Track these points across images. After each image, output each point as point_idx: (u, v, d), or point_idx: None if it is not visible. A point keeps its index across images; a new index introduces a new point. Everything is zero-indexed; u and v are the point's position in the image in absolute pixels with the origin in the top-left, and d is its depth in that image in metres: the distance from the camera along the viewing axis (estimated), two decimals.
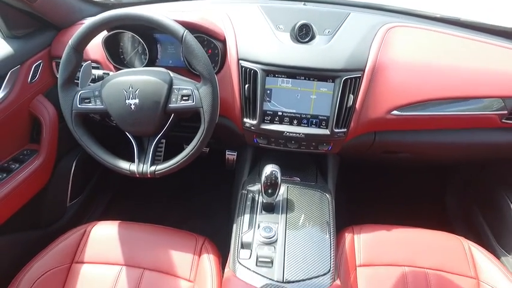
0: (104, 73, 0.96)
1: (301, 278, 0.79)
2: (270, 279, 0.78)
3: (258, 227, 0.88)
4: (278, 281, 0.78)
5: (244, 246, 0.85)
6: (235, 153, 1.31)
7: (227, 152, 1.32)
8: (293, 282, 0.78)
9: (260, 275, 0.79)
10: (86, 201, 1.44)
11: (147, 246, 0.99)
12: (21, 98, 1.00)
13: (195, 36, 0.83)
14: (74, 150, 1.31)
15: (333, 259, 0.85)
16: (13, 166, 1.00)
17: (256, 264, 0.81)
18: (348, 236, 1.03)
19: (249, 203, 0.96)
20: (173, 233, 1.04)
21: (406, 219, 1.11)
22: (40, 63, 1.05)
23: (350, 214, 1.20)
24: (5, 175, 0.97)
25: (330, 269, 0.82)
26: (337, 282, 0.82)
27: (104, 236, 1.01)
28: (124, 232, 1.02)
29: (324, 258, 0.84)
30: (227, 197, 1.47)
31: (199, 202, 1.69)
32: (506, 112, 0.99)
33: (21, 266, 0.92)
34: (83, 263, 0.96)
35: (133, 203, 1.66)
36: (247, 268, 0.80)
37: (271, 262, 0.81)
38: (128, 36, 1.02)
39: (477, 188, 1.47)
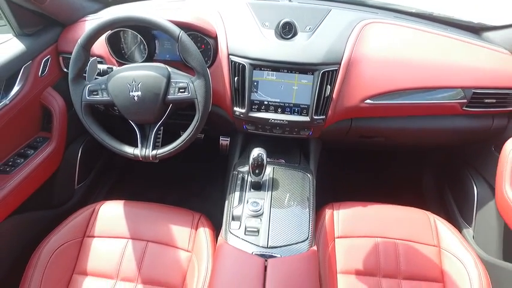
0: (108, 67, 1.06)
1: (282, 244, 0.92)
2: (256, 245, 0.92)
3: (247, 202, 1.01)
4: (263, 247, 0.91)
5: (234, 218, 0.98)
6: (229, 139, 1.43)
7: (221, 138, 1.44)
8: (276, 247, 0.91)
9: (248, 242, 0.92)
10: (91, 184, 1.56)
11: (149, 221, 1.11)
12: (33, 90, 1.11)
13: (189, 34, 0.94)
14: (80, 138, 1.43)
15: (311, 229, 0.98)
16: (29, 152, 1.12)
17: (245, 233, 0.94)
18: (328, 212, 1.16)
19: (239, 182, 1.09)
20: (173, 210, 1.17)
21: (385, 198, 1.24)
22: (48, 58, 1.15)
23: (331, 193, 1.33)
24: (22, 160, 1.09)
25: (308, 237, 0.96)
26: (314, 248, 0.96)
27: (111, 213, 1.13)
28: (129, 210, 1.14)
29: (303, 228, 0.98)
30: (221, 180, 1.60)
31: (195, 185, 1.82)
32: (465, 101, 1.11)
33: (38, 240, 1.04)
34: (93, 237, 1.09)
35: (134, 187, 1.78)
36: (237, 236, 0.94)
37: (258, 231, 0.94)
38: (128, 34, 1.12)
39: (448, 170, 1.61)
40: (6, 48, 1.04)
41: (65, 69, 1.21)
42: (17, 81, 1.05)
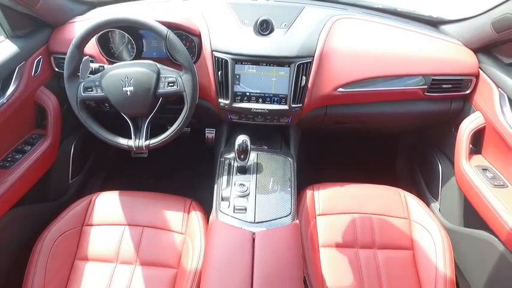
0: (99, 66, 1.13)
1: (268, 219, 1.03)
2: (244, 221, 1.02)
3: (234, 184, 1.11)
4: (251, 222, 1.01)
5: (223, 199, 1.08)
6: (214, 131, 1.53)
7: (206, 131, 1.53)
8: (262, 222, 1.02)
9: (237, 218, 1.02)
10: (84, 178, 1.63)
11: (144, 208, 1.19)
12: (27, 89, 1.17)
13: (175, 33, 1.03)
14: (72, 135, 1.49)
15: (293, 206, 1.09)
16: (26, 148, 1.18)
17: (234, 211, 1.04)
18: (308, 192, 1.27)
19: (226, 167, 1.19)
20: (165, 197, 1.25)
21: (361, 179, 1.35)
22: (40, 59, 1.21)
23: (312, 177, 1.44)
24: (20, 155, 1.15)
25: (290, 212, 1.06)
26: (296, 221, 1.07)
27: (107, 203, 1.20)
28: (124, 198, 1.22)
29: (286, 205, 1.08)
30: (209, 171, 1.69)
31: (184, 176, 1.90)
32: (426, 87, 1.24)
33: (38, 231, 1.11)
34: (91, 225, 1.16)
35: (126, 181, 1.85)
36: (227, 214, 1.04)
37: (245, 209, 1.05)
38: (116, 34, 1.20)
39: (418, 152, 1.76)
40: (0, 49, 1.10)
41: (57, 69, 1.27)
42: (12, 81, 1.11)
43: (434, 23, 1.39)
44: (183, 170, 1.93)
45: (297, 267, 0.94)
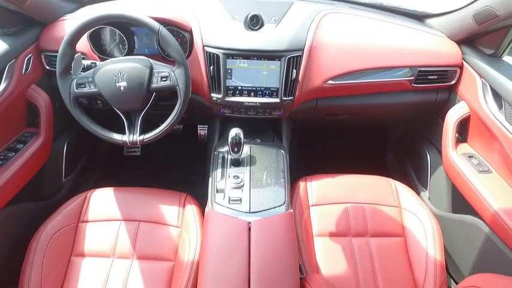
0: (91, 62, 1.14)
1: (263, 209, 1.05)
2: (240, 211, 1.04)
3: (229, 176, 1.13)
4: (246, 212, 1.04)
5: (218, 191, 1.10)
6: (206, 128, 1.54)
7: (199, 128, 1.54)
8: (257, 212, 1.04)
9: (232, 209, 1.04)
10: (77, 177, 1.62)
11: (139, 203, 1.20)
12: (18, 87, 1.17)
13: (167, 29, 1.04)
14: (64, 134, 1.48)
15: (287, 196, 1.12)
16: (18, 146, 1.18)
17: (229, 202, 1.06)
18: (302, 184, 1.30)
19: (220, 160, 1.20)
20: (160, 192, 1.26)
21: (353, 171, 1.38)
22: (31, 57, 1.21)
23: (304, 169, 1.47)
24: (13, 153, 1.15)
25: (284, 202, 1.09)
26: (290, 210, 1.09)
27: (102, 199, 1.21)
28: (118, 194, 1.22)
29: (279, 195, 1.11)
30: (202, 167, 1.70)
31: (178, 173, 1.91)
32: (413, 78, 1.28)
33: (33, 229, 1.10)
34: (87, 221, 1.16)
35: (119, 179, 1.85)
36: (222, 205, 1.06)
37: (240, 200, 1.07)
38: (107, 31, 1.20)
39: (407, 143, 1.80)
40: None
41: (48, 67, 1.27)
42: (3, 79, 1.11)
43: (419, 17, 1.43)
44: (177, 168, 1.94)
45: (292, 255, 0.96)
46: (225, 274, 0.90)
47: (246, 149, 1.23)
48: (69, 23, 1.26)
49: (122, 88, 1.03)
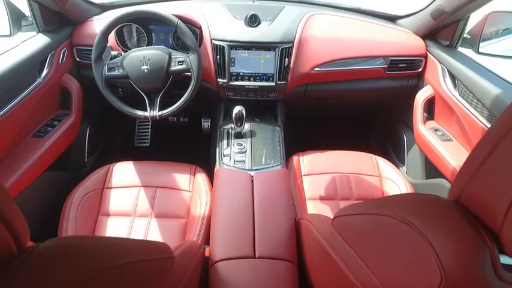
0: (117, 53, 1.37)
1: (263, 167, 1.27)
2: (243, 169, 1.25)
3: (233, 145, 1.35)
4: (248, 169, 1.25)
5: (225, 155, 1.31)
6: (209, 121, 1.76)
7: (203, 121, 1.77)
8: (258, 169, 1.26)
9: (238, 168, 1.26)
10: (97, 158, 1.82)
11: (156, 173, 1.39)
12: (56, 74, 1.39)
13: None
14: (86, 121, 1.70)
15: (283, 159, 1.33)
16: (55, 123, 1.39)
17: (234, 163, 1.28)
18: (295, 158, 1.51)
19: (225, 134, 1.42)
20: (174, 164, 1.46)
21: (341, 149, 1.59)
22: (65, 50, 1.45)
23: (297, 149, 1.68)
24: (51, 128, 1.36)
25: (281, 162, 1.30)
26: (285, 168, 1.30)
27: (123, 169, 1.40)
28: (138, 166, 1.41)
29: (276, 158, 1.32)
30: (206, 156, 1.90)
31: (185, 157, 2.10)
32: (386, 66, 1.53)
33: (63, 194, 1.29)
34: (111, 188, 1.36)
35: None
36: (229, 165, 1.27)
37: (244, 161, 1.28)
38: (130, 28, 1.45)
39: (387, 127, 2.03)
40: (37, 40, 1.33)
41: (78, 59, 1.50)
42: (45, 66, 1.34)
43: (391, 18, 1.70)
44: (183, 153, 2.14)
45: (288, 200, 1.16)
46: (233, 217, 1.10)
47: (247, 126, 1.45)
48: (97, 23, 1.50)
49: (145, 71, 1.26)
